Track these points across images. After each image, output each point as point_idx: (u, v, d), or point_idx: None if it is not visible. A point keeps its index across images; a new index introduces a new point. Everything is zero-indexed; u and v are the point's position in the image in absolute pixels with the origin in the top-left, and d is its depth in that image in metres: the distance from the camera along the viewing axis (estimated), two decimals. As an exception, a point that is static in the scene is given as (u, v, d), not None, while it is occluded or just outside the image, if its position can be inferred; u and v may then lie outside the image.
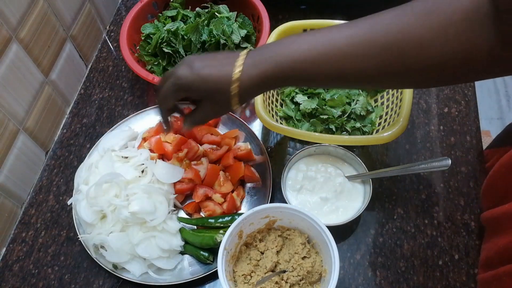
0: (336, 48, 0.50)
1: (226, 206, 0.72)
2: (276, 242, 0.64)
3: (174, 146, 0.76)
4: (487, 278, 0.60)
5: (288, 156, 0.81)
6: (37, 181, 0.81)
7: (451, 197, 0.75)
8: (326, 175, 0.73)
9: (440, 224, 0.72)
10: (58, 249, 0.74)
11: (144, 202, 0.68)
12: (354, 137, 0.71)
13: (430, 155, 0.80)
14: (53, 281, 0.71)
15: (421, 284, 0.67)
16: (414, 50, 0.47)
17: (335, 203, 0.70)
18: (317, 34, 0.52)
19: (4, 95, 0.71)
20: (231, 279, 0.61)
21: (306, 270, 0.61)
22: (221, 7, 0.90)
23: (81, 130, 0.87)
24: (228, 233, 0.60)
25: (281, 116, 0.82)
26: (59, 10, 0.83)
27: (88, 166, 0.75)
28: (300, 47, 0.52)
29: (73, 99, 0.92)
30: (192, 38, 0.84)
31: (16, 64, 0.72)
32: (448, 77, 0.51)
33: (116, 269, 0.68)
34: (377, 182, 0.76)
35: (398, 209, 0.74)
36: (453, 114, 0.84)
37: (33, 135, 0.80)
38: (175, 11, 0.91)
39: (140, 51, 0.88)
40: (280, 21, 0.96)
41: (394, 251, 0.70)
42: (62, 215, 0.77)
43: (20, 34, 0.73)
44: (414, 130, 0.83)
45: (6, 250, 0.74)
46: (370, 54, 0.49)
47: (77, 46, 0.91)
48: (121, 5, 1.07)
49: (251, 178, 0.75)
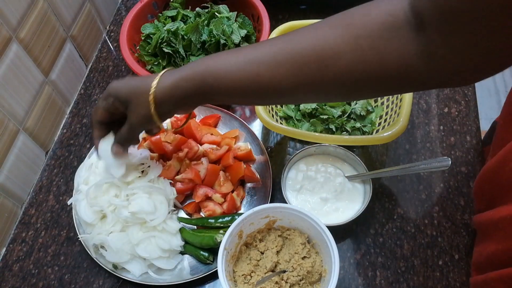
0: (252, 58, 0.51)
1: (226, 206, 0.72)
2: (276, 242, 0.64)
3: (174, 146, 0.76)
4: (478, 283, 0.60)
5: (288, 156, 0.81)
6: (37, 181, 0.81)
7: (451, 197, 0.75)
8: (326, 175, 0.73)
9: (440, 224, 0.72)
10: (58, 249, 0.74)
11: (144, 202, 0.68)
12: (354, 137, 0.71)
13: (430, 155, 0.80)
14: (53, 281, 0.71)
15: (421, 284, 0.67)
16: (330, 61, 0.48)
17: (335, 203, 0.70)
18: (235, 51, 0.53)
19: (4, 95, 0.71)
20: (231, 279, 0.61)
21: (306, 270, 0.61)
22: (221, 7, 0.90)
23: (81, 130, 0.87)
24: (228, 233, 0.60)
25: (281, 116, 0.82)
26: (59, 10, 0.83)
27: (88, 166, 0.75)
28: (219, 58, 0.53)
29: (73, 99, 0.92)
30: (192, 38, 0.84)
31: (16, 64, 0.72)
32: (367, 89, 0.51)
33: (116, 269, 0.68)
34: (377, 182, 0.76)
35: (398, 209, 0.74)
36: (453, 114, 0.84)
37: (33, 135, 0.80)
38: (175, 11, 0.91)
39: (140, 51, 0.88)
40: (280, 21, 0.96)
41: (394, 251, 0.70)
42: (62, 215, 0.77)
43: (20, 34, 0.73)
44: (414, 130, 0.83)
45: (6, 250, 0.74)
46: (287, 62, 0.49)
47: (77, 46, 0.91)
48: (121, 5, 1.07)
49: (251, 178, 0.75)
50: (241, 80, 0.51)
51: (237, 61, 0.52)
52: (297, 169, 0.74)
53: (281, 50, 0.50)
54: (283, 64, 0.49)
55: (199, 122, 0.81)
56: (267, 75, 0.50)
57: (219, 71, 0.52)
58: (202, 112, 0.83)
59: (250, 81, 0.51)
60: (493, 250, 0.56)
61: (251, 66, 0.51)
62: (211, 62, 0.53)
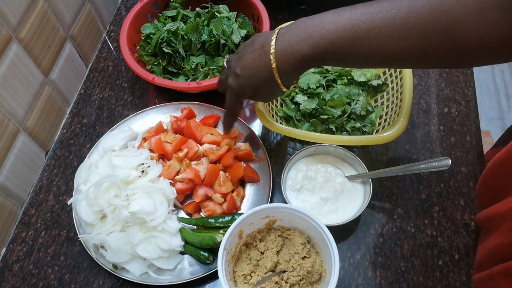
0: (376, 30, 0.50)
1: (226, 206, 0.72)
2: (276, 242, 0.64)
3: (174, 146, 0.76)
4: (482, 277, 0.60)
5: (288, 156, 0.81)
6: (37, 181, 0.81)
7: (451, 197, 0.75)
8: (326, 175, 0.73)
9: (440, 224, 0.72)
10: (58, 249, 0.74)
11: (144, 202, 0.68)
12: (354, 137, 0.71)
13: (430, 155, 0.80)
14: (53, 281, 0.71)
15: (421, 284, 0.67)
16: (455, 32, 0.47)
17: (335, 203, 0.70)
18: (355, 11, 0.51)
19: (4, 95, 0.71)
20: (231, 279, 0.61)
21: (306, 270, 0.61)
22: (221, 7, 0.90)
23: (81, 130, 0.87)
24: (228, 233, 0.60)
25: (281, 116, 0.82)
26: (59, 10, 0.83)
27: (88, 166, 0.75)
28: (338, 27, 0.51)
29: (73, 99, 0.92)
30: (192, 38, 0.84)
31: (16, 64, 0.72)
32: (483, 58, 0.51)
33: (116, 269, 0.68)
34: (377, 182, 0.76)
35: (398, 209, 0.74)
36: (453, 114, 0.84)
37: (33, 135, 0.80)
38: (175, 11, 0.91)
39: (140, 51, 0.88)
40: (280, 21, 0.96)
41: (394, 251, 0.70)
42: (62, 215, 0.77)
43: (20, 34, 0.73)
44: (414, 130, 0.83)
45: (6, 250, 0.74)
46: (411, 37, 0.49)
47: (77, 46, 0.91)
48: (121, 5, 1.07)
49: (251, 178, 0.75)
50: (366, 53, 0.51)
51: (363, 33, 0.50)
52: (297, 169, 0.74)
53: (406, 21, 0.49)
54: (408, 37, 0.49)
55: (199, 122, 0.81)
56: (390, 48, 0.50)
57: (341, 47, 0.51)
58: (202, 112, 0.83)
59: (374, 54, 0.51)
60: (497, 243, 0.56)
61: (376, 38, 0.50)
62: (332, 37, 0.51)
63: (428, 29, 0.48)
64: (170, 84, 0.80)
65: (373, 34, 0.50)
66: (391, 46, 0.50)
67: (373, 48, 0.51)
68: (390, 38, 0.50)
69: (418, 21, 0.48)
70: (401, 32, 0.49)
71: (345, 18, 0.51)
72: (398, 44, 0.50)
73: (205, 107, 0.83)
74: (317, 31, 0.52)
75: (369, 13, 0.51)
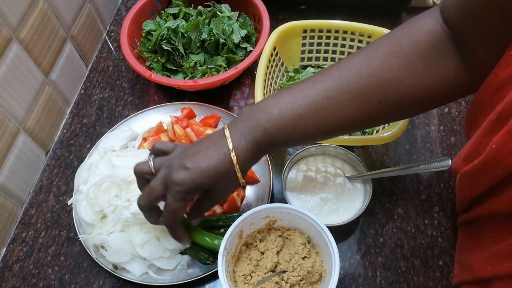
0: (315, 104, 0.51)
1: (226, 206, 0.72)
2: (276, 242, 0.64)
3: (174, 146, 0.76)
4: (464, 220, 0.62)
5: (288, 156, 0.81)
6: (37, 181, 0.81)
7: (451, 197, 0.75)
8: (326, 175, 0.73)
9: (440, 224, 0.72)
10: (58, 249, 0.74)
11: (144, 202, 0.67)
12: (354, 137, 0.71)
13: (430, 155, 0.80)
14: (53, 281, 0.71)
15: (421, 284, 0.67)
16: (391, 89, 0.50)
17: (335, 203, 0.70)
18: (294, 93, 0.53)
19: (4, 95, 0.71)
20: (231, 279, 0.61)
21: (306, 270, 0.61)
22: (223, 6, 0.91)
23: (81, 130, 0.87)
24: (228, 233, 0.60)
25: (281, 116, 0.82)
26: (59, 10, 0.83)
27: (88, 166, 0.75)
28: (279, 108, 0.52)
29: (73, 99, 0.92)
30: (192, 36, 0.85)
31: (16, 64, 0.72)
32: (421, 105, 0.55)
33: (116, 269, 0.68)
34: (377, 182, 0.76)
35: (398, 209, 0.74)
36: (453, 114, 0.84)
37: (33, 135, 0.80)
38: (177, 8, 0.91)
39: (141, 47, 0.88)
40: (280, 21, 0.96)
41: (394, 251, 0.70)
42: (62, 215, 0.77)
43: (20, 34, 0.73)
44: (414, 130, 0.83)
45: (6, 250, 0.74)
46: (347, 103, 0.51)
47: (77, 46, 0.91)
48: (121, 5, 1.07)
49: (251, 178, 0.75)
50: (312, 130, 0.53)
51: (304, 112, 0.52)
52: (297, 169, 0.74)
53: (341, 90, 0.51)
54: (346, 104, 0.51)
55: (199, 122, 0.81)
56: (333, 118, 0.52)
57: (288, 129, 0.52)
58: (202, 112, 0.83)
59: (320, 129, 0.53)
60: None
61: (316, 113, 0.52)
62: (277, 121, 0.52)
63: (364, 91, 0.51)
64: (167, 82, 0.80)
65: (312, 108, 0.51)
66: (334, 116, 0.52)
67: (318, 121, 0.52)
68: (331, 108, 0.51)
69: (352, 87, 0.51)
70: (339, 100, 0.51)
71: (284, 99, 0.53)
72: (340, 113, 0.52)
73: (205, 107, 0.83)
74: (262, 116, 0.52)
75: (304, 89, 0.53)
